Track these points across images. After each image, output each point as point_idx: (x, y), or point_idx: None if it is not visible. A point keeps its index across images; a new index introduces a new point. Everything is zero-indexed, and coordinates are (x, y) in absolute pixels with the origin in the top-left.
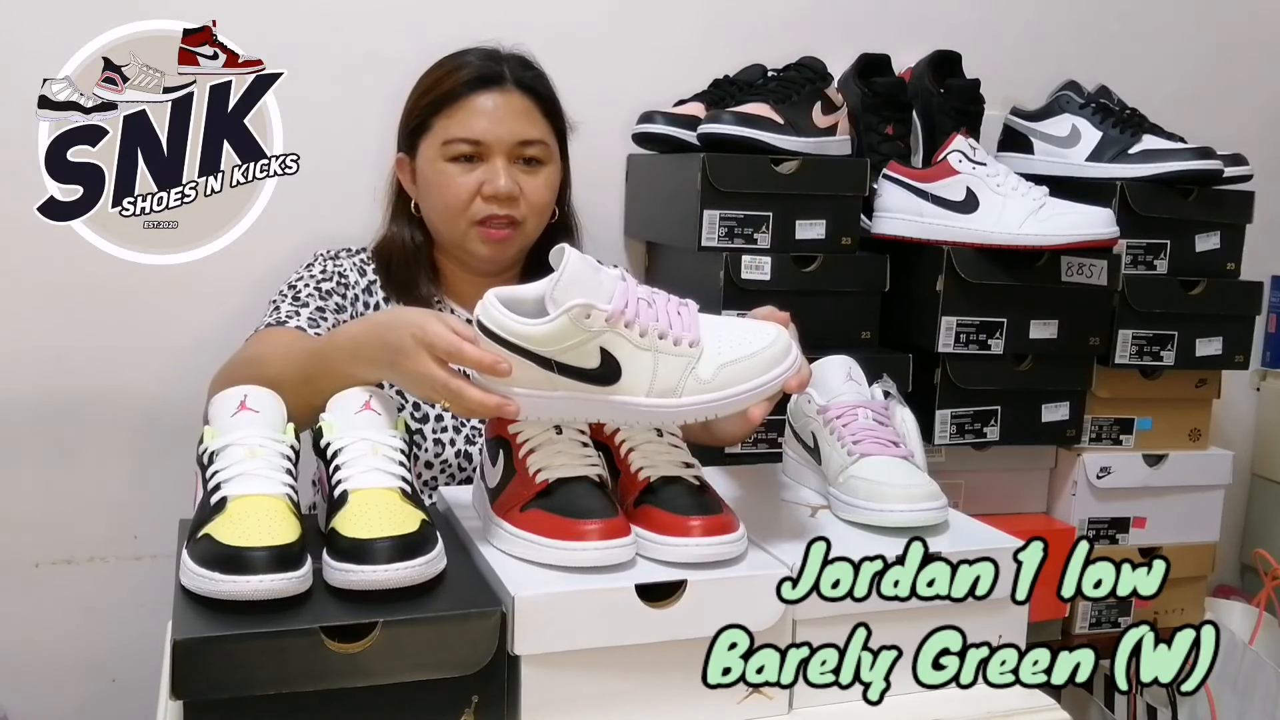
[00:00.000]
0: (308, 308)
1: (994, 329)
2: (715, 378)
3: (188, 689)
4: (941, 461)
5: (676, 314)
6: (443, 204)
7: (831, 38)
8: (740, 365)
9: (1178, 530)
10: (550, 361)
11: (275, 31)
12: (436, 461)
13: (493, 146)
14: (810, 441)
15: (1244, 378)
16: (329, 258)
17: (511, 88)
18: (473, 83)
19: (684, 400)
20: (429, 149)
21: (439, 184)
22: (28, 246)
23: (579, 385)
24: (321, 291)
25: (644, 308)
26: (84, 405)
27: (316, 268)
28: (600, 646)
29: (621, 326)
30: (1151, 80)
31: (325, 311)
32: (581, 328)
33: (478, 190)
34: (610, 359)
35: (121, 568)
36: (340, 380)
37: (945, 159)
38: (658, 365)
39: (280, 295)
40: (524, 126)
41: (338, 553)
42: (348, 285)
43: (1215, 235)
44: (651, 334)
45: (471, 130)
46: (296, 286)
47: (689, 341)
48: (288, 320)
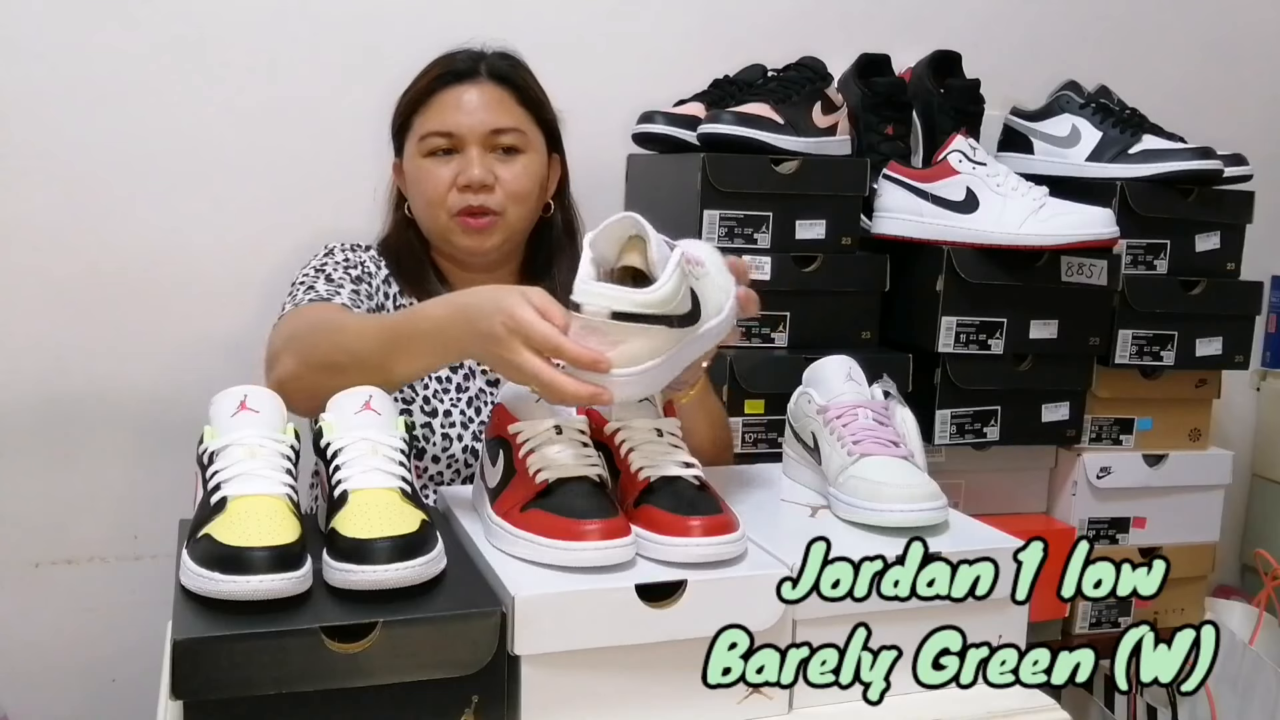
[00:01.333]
0: (344, 289)
1: (994, 329)
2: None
3: (188, 689)
4: (941, 461)
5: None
6: (423, 199)
7: (831, 38)
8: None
9: (1178, 530)
10: (671, 318)
11: (275, 31)
12: (444, 457)
13: (466, 137)
14: (810, 441)
15: (1244, 378)
16: (347, 249)
17: (485, 79)
18: (445, 77)
19: (725, 314)
20: (410, 147)
21: (418, 179)
22: (28, 246)
23: (686, 332)
24: (352, 276)
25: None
26: (84, 405)
27: (339, 255)
28: (600, 646)
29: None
30: (1151, 80)
31: (360, 296)
32: (687, 275)
33: (453, 182)
34: (695, 297)
35: (121, 568)
36: (423, 362)
37: (945, 159)
38: (704, 290)
39: (307, 277)
40: (496, 115)
41: (338, 553)
42: (370, 275)
43: (1215, 235)
44: (692, 264)
45: (444, 123)
46: (325, 269)
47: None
48: (330, 298)
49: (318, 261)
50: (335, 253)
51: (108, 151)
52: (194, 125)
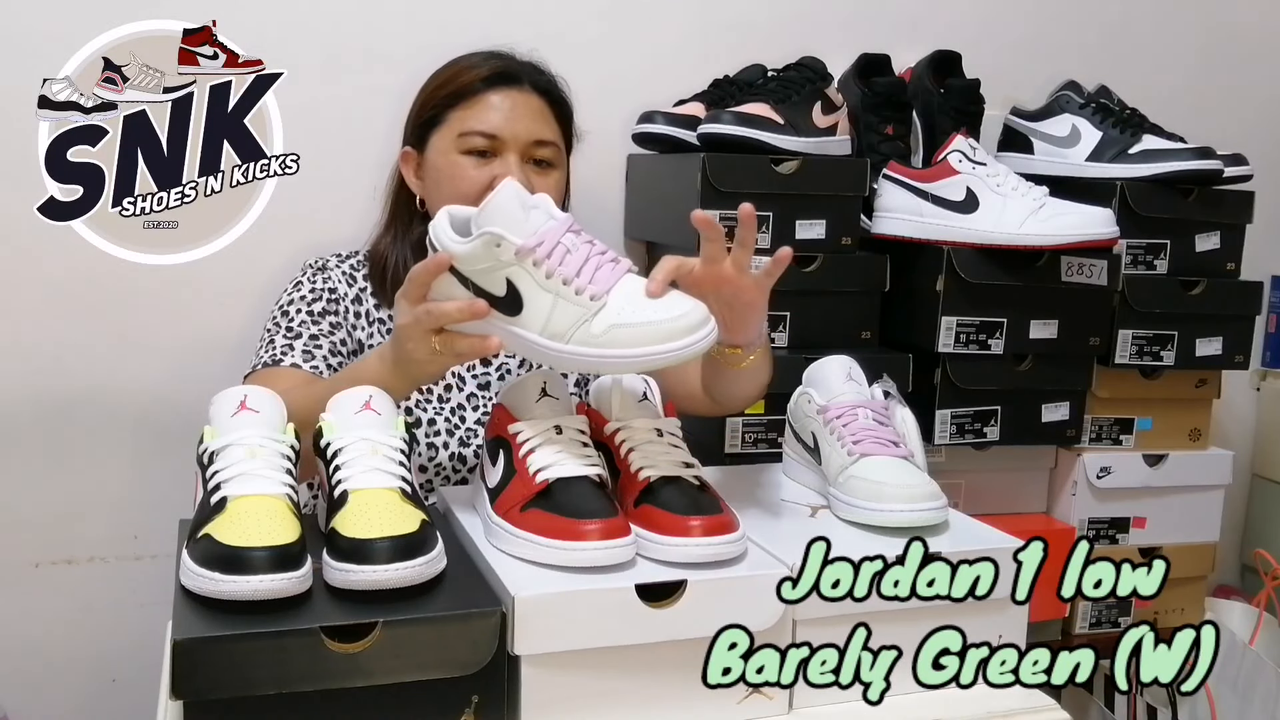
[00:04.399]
0: (300, 338)
1: (994, 329)
2: (604, 335)
3: (188, 689)
4: (941, 461)
5: (596, 268)
6: (454, 195)
7: (831, 38)
8: (632, 330)
9: (1178, 530)
10: (468, 281)
11: (275, 31)
12: (431, 465)
13: (507, 142)
14: (810, 441)
15: (1244, 378)
16: (317, 269)
17: (528, 88)
18: (491, 79)
19: (568, 348)
20: (442, 141)
21: (451, 175)
22: (28, 246)
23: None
24: (314, 315)
25: (563, 253)
26: (84, 405)
27: (305, 287)
28: (600, 646)
29: (529, 263)
30: (1151, 80)
31: (320, 338)
32: (491, 255)
33: (489, 184)
34: (514, 290)
35: (121, 568)
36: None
37: (945, 159)
38: (555, 308)
39: (273, 324)
40: (539, 126)
41: (338, 553)
42: (338, 299)
43: (1215, 235)
44: (557, 278)
45: (488, 124)
46: (289, 313)
47: (591, 294)
48: (282, 358)
49: (285, 299)
50: (303, 283)
51: None
52: None
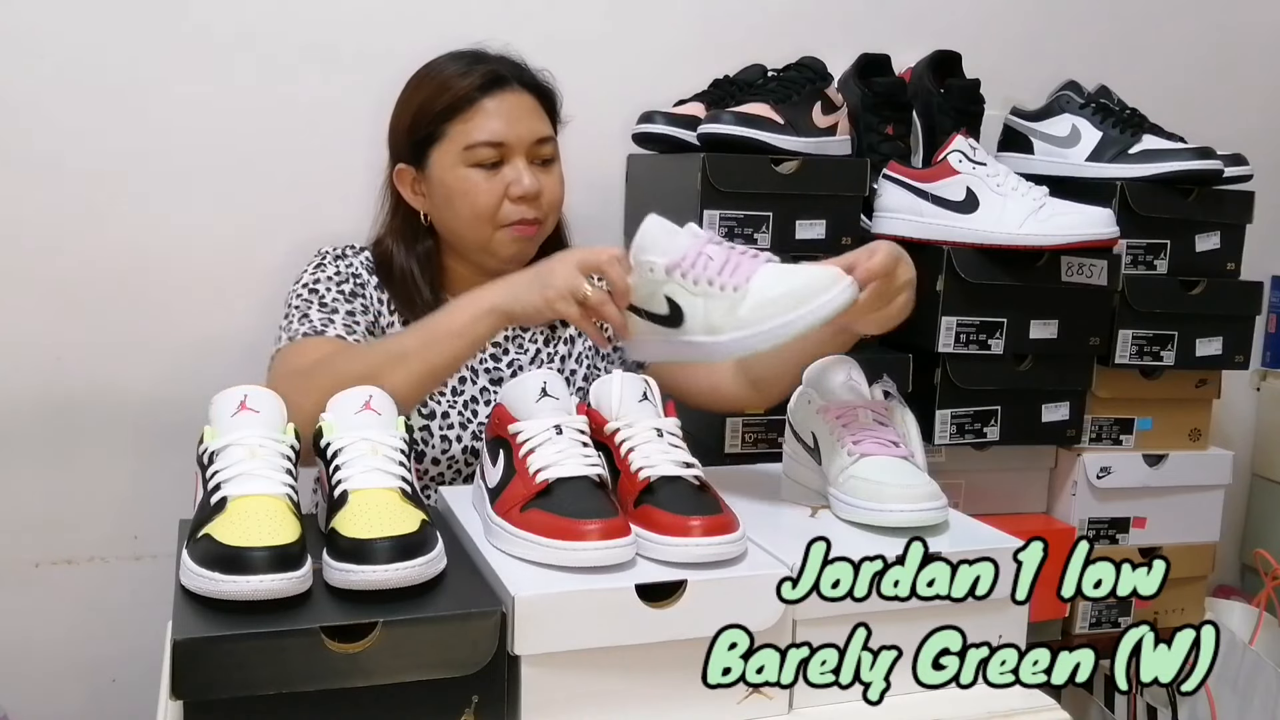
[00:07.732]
0: (338, 314)
1: (994, 329)
2: (751, 315)
3: (188, 689)
4: (941, 461)
5: (735, 265)
6: (470, 211)
7: (831, 38)
8: (775, 303)
9: (1178, 530)
10: (640, 310)
11: (273, 31)
12: (444, 458)
13: (513, 147)
14: (810, 441)
15: (1244, 378)
16: (337, 256)
17: (518, 87)
18: (484, 86)
19: (724, 337)
20: (445, 156)
21: (464, 190)
22: (28, 246)
23: (657, 328)
24: (345, 294)
25: (705, 261)
26: (84, 405)
27: (330, 269)
28: (600, 646)
29: (678, 276)
30: (1151, 80)
31: (355, 315)
32: (647, 279)
33: (504, 193)
34: (674, 305)
35: (121, 568)
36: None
37: (945, 159)
38: (708, 307)
39: (301, 300)
40: (538, 124)
41: (338, 553)
42: (363, 284)
43: (1215, 235)
44: (703, 281)
45: (492, 133)
46: (319, 290)
47: (734, 286)
48: (324, 329)
49: (309, 278)
50: (326, 264)
51: (108, 152)
52: (194, 125)
